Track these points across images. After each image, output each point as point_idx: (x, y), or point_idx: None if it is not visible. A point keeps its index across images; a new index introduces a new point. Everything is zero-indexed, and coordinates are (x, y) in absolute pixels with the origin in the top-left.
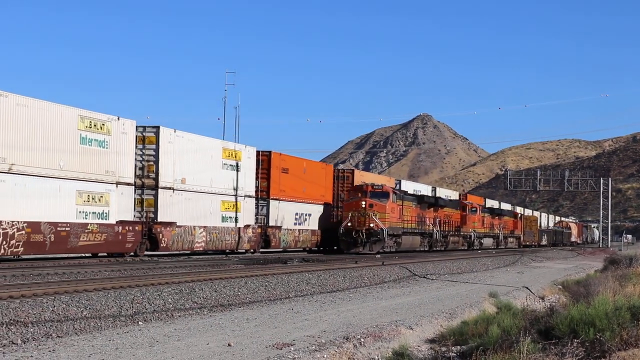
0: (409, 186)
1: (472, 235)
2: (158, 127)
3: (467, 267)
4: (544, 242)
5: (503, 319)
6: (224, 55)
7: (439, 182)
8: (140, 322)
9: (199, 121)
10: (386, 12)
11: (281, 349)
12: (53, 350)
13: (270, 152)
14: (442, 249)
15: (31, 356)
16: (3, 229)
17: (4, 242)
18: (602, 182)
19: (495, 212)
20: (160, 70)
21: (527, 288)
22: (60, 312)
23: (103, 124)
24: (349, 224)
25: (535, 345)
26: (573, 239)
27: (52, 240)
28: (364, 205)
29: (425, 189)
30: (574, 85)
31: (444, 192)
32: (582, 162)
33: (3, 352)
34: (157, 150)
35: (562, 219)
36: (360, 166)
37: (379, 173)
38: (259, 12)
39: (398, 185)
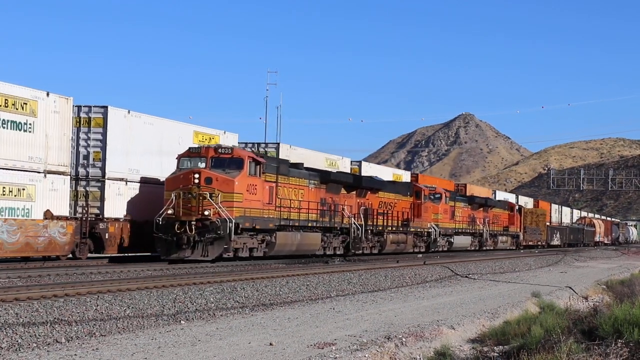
0: (500, 196)
1: (434, 232)
2: None
3: (509, 266)
4: (555, 242)
5: (546, 318)
6: (264, 60)
7: (481, 181)
8: (182, 321)
9: (242, 122)
10: (428, 17)
11: (323, 348)
12: (96, 348)
13: (417, 174)
14: (375, 251)
15: (75, 354)
16: None
17: None
18: None
19: (477, 202)
20: (201, 74)
21: (570, 288)
22: (104, 311)
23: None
24: (170, 212)
25: (579, 346)
26: (598, 238)
27: None
28: (197, 180)
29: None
30: (618, 84)
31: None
32: (627, 161)
33: (47, 351)
34: None
35: (587, 214)
36: (402, 165)
37: (421, 172)
38: (296, 19)
39: (462, 190)
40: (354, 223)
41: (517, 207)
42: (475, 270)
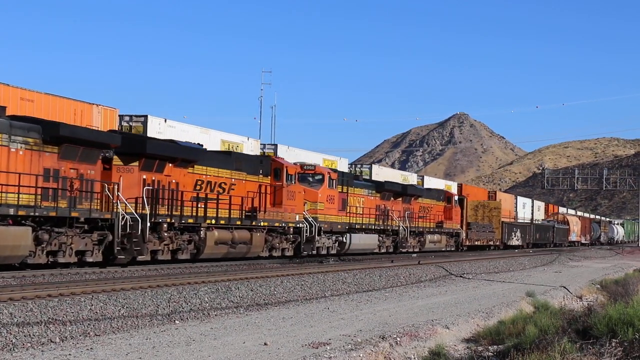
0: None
1: (308, 227)
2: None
3: (504, 266)
4: (514, 242)
5: (540, 318)
6: (259, 59)
7: (476, 180)
8: (177, 321)
9: (235, 121)
10: (423, 16)
11: (317, 347)
12: (91, 348)
13: (461, 185)
14: (184, 256)
15: (69, 354)
16: None
17: None
18: None
19: (389, 190)
20: (195, 73)
21: (564, 287)
22: (98, 311)
23: None
24: None
25: (573, 345)
26: (573, 237)
27: None
28: None
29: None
30: (612, 84)
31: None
32: (621, 161)
33: (42, 351)
34: None
35: (562, 211)
36: (397, 165)
37: (416, 172)
38: (292, 19)
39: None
40: (129, 213)
41: (456, 197)
42: (470, 270)
